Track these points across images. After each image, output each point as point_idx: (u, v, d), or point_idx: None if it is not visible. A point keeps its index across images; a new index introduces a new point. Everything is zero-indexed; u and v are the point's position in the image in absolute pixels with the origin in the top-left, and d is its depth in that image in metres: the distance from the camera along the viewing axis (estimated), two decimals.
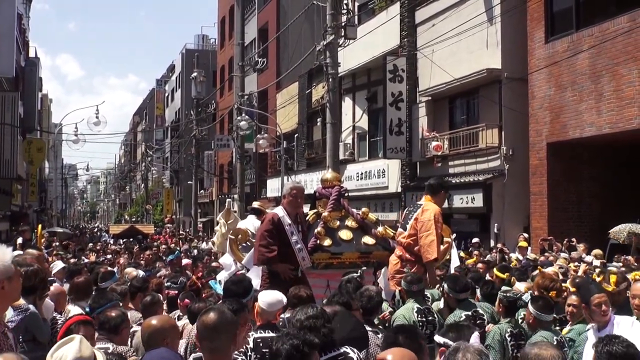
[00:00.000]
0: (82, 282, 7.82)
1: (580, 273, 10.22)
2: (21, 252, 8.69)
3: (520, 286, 8.35)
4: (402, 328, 4.99)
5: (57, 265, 11.39)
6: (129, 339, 6.14)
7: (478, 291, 8.12)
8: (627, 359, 4.17)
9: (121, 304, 6.88)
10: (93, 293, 7.61)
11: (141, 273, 10.23)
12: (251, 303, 6.03)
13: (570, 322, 7.13)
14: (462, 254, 15.49)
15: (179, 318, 7.58)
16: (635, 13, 15.85)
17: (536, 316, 6.38)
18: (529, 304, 6.54)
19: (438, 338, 4.28)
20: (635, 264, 12.56)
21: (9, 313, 5.29)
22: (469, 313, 7.13)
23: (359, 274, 7.53)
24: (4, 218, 32.61)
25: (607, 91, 16.51)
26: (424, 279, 8.19)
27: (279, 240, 8.11)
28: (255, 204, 13.01)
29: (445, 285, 7.51)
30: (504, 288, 8.08)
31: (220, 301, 6.87)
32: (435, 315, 7.14)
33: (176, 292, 8.58)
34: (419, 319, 6.93)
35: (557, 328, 6.91)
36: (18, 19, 32.07)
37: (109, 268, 11.38)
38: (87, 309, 6.54)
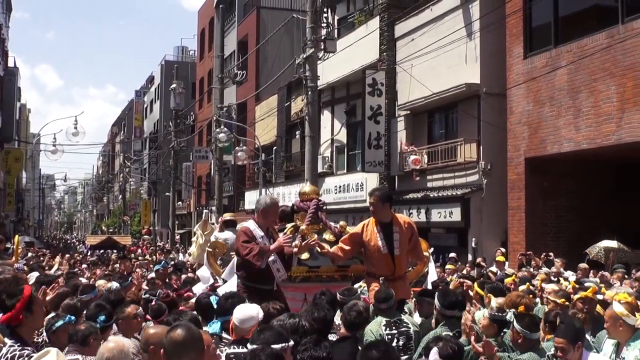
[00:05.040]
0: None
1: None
2: None
3: (494, 302, 8.21)
4: (374, 344, 5.01)
5: (33, 276, 11.28)
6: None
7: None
8: None
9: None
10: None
11: (115, 285, 10.10)
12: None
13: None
14: (449, 266, 15.51)
15: None
16: (613, 30, 15.95)
17: (524, 335, 6.19)
18: (515, 323, 6.25)
19: None
20: (617, 281, 12.62)
21: None
22: (450, 334, 6.56)
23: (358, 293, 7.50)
24: None
25: (585, 107, 16.59)
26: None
27: None
28: (227, 216, 12.90)
29: (436, 299, 7.36)
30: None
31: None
32: (410, 326, 6.99)
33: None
34: (388, 332, 6.73)
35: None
36: None
37: (83, 280, 11.23)
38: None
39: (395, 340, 6.66)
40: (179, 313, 7.12)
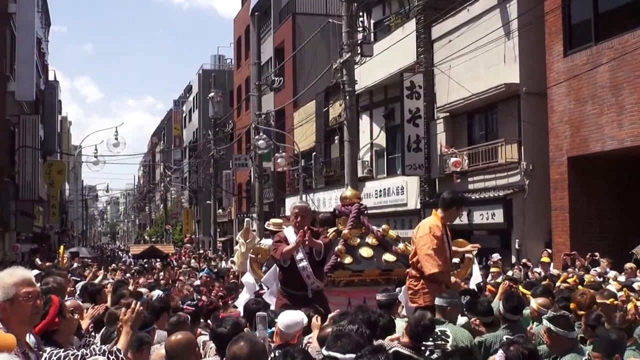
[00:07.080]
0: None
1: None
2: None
3: (534, 303, 8.05)
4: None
5: (80, 286, 11.41)
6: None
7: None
8: None
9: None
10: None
11: (158, 293, 10.17)
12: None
13: None
14: (494, 269, 15.35)
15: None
16: None
17: (564, 335, 6.02)
18: (551, 326, 6.06)
19: None
20: None
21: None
22: (511, 338, 6.30)
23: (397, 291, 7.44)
24: (26, 240, 32.81)
25: (628, 104, 16.34)
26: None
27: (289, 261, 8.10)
28: (272, 226, 12.75)
29: (500, 304, 7.22)
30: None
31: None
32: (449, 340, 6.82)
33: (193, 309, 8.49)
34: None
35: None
36: (37, 43, 32.38)
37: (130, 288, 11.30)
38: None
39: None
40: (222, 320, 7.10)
